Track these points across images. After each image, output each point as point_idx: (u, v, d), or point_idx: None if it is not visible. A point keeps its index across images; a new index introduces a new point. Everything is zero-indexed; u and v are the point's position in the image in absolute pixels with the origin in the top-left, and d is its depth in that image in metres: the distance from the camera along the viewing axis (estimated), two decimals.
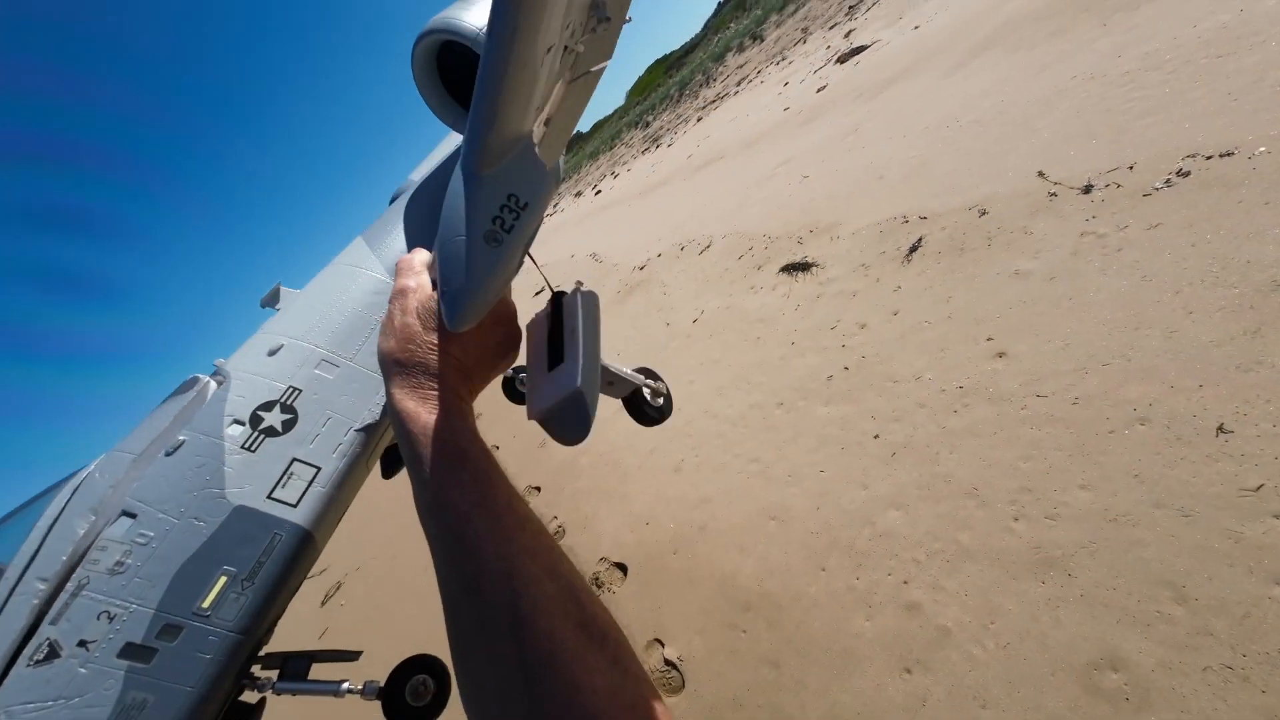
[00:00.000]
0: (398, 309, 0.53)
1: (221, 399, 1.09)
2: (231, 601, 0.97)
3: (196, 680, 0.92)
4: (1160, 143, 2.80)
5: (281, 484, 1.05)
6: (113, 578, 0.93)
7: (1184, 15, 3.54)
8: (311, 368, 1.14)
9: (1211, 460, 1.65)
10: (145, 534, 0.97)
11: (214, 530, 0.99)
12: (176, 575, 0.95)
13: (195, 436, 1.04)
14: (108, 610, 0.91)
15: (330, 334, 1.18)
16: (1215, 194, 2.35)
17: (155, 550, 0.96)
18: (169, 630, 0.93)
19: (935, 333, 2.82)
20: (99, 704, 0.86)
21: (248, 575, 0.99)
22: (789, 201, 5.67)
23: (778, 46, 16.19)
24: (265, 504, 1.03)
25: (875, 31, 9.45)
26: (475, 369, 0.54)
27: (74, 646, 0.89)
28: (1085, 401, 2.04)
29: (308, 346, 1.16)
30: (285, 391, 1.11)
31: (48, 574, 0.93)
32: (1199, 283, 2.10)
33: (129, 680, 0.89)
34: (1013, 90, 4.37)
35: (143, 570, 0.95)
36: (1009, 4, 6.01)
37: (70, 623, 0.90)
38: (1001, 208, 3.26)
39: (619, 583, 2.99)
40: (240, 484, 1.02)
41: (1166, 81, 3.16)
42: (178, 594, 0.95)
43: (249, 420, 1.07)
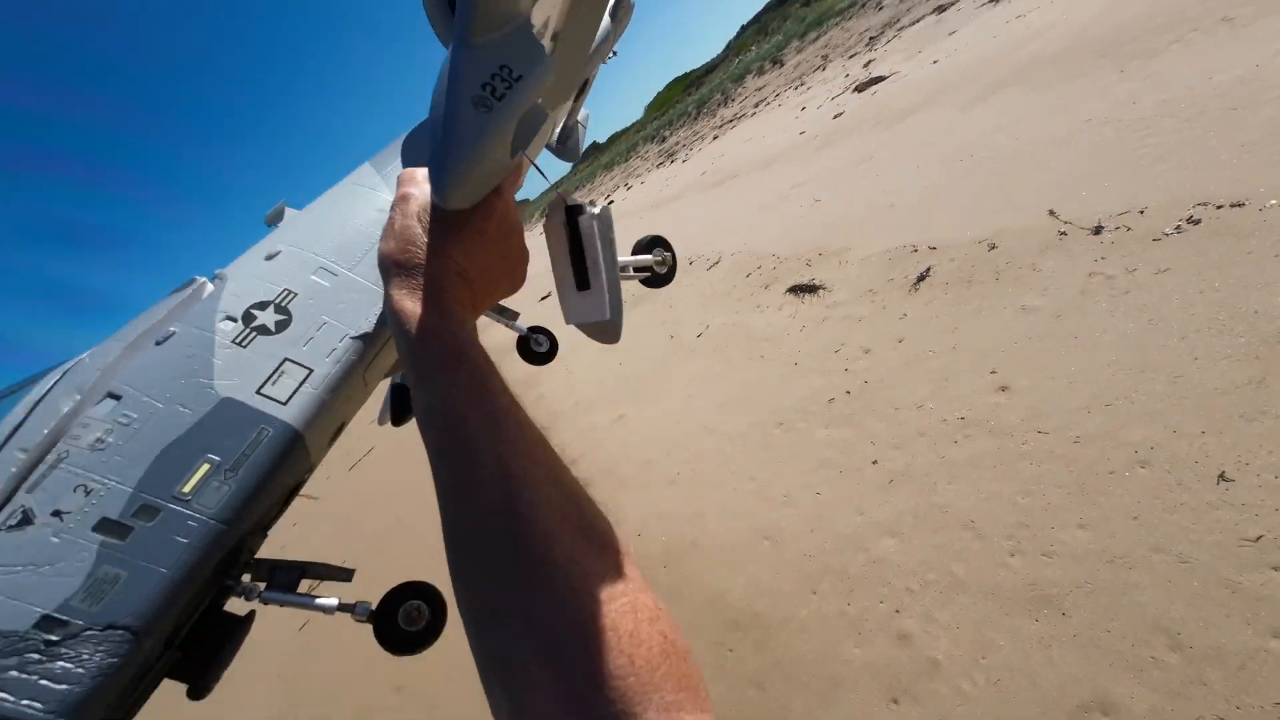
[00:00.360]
0: (399, 213, 0.53)
1: (216, 297, 1.10)
2: (213, 490, 0.95)
3: (172, 563, 0.91)
4: (1172, 189, 2.83)
5: (272, 381, 1.04)
6: (92, 454, 0.94)
7: (1200, 67, 3.59)
8: (309, 274, 1.15)
9: (1212, 508, 1.64)
10: (129, 415, 0.97)
11: (199, 418, 0.99)
12: (158, 458, 0.95)
13: (187, 329, 1.06)
14: (85, 484, 0.92)
15: (330, 244, 1.19)
16: (1225, 243, 2.37)
17: (137, 431, 0.96)
18: (146, 510, 0.92)
19: (939, 362, 2.83)
20: (70, 574, 0.86)
21: (231, 466, 0.98)
22: (800, 223, 5.71)
23: (797, 72, 16.42)
24: (254, 399, 1.02)
25: (894, 64, 9.58)
26: (478, 279, 0.53)
27: (48, 515, 0.89)
28: (1087, 440, 2.03)
29: (306, 254, 1.17)
30: (280, 293, 1.12)
31: (28, 445, 0.94)
32: (1206, 329, 2.10)
33: (102, 555, 0.88)
34: (1028, 128, 4.42)
35: (123, 449, 0.95)
36: (1028, 46, 6.10)
37: (46, 493, 0.90)
38: (1011, 243, 3.28)
39: None
40: (229, 377, 1.03)
41: (1181, 130, 3.19)
42: (157, 476, 0.94)
43: (241, 317, 1.08)
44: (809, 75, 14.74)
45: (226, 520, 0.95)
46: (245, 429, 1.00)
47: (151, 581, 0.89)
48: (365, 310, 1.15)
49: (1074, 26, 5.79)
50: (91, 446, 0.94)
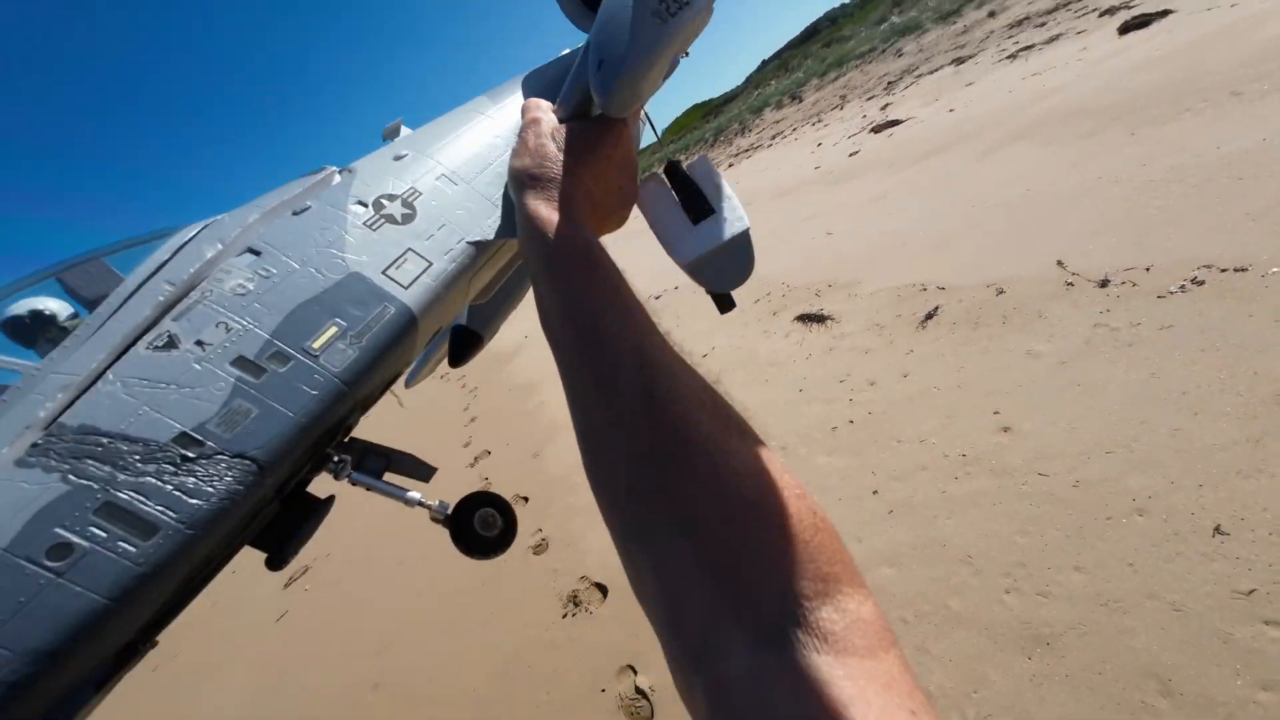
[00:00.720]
0: (531, 134, 0.56)
1: (347, 184, 1.18)
2: (339, 351, 1.01)
3: (298, 409, 0.96)
4: (1178, 250, 2.92)
5: (396, 265, 1.11)
6: (233, 298, 1.00)
7: (1210, 136, 3.72)
8: (433, 178, 1.23)
9: (1207, 559, 1.68)
10: (268, 269, 1.04)
11: (330, 285, 1.05)
12: (291, 313, 1.01)
13: (322, 206, 1.13)
14: (226, 322, 0.97)
15: (452, 157, 1.27)
16: (1228, 305, 2.44)
17: (275, 285, 1.02)
18: (279, 356, 0.98)
19: (944, 399, 2.88)
20: (208, 400, 0.91)
21: (356, 334, 1.03)
22: (811, 254, 5.82)
23: (815, 109, 16.82)
24: (379, 278, 1.08)
25: (911, 109, 9.85)
26: (600, 204, 0.55)
27: (192, 343, 0.94)
28: (1086, 486, 2.07)
29: (431, 161, 1.25)
30: (407, 190, 1.19)
31: (175, 280, 1.00)
32: (1206, 386, 2.16)
33: (237, 389, 0.93)
34: (1041, 181, 4.54)
35: (262, 299, 1.01)
36: (1042, 103, 6.30)
37: (190, 323, 0.96)
38: (1020, 289, 3.36)
39: (598, 603, 2.96)
40: (359, 254, 1.09)
41: (1189, 194, 3.30)
42: (291, 329, 1.00)
43: (372, 204, 1.15)
44: (827, 113, 15.10)
45: (347, 382, 1.01)
46: (370, 303, 1.06)
47: (279, 422, 0.94)
48: (480, 220, 1.21)
49: (1087, 89, 5.99)
50: (233, 291, 1.00)
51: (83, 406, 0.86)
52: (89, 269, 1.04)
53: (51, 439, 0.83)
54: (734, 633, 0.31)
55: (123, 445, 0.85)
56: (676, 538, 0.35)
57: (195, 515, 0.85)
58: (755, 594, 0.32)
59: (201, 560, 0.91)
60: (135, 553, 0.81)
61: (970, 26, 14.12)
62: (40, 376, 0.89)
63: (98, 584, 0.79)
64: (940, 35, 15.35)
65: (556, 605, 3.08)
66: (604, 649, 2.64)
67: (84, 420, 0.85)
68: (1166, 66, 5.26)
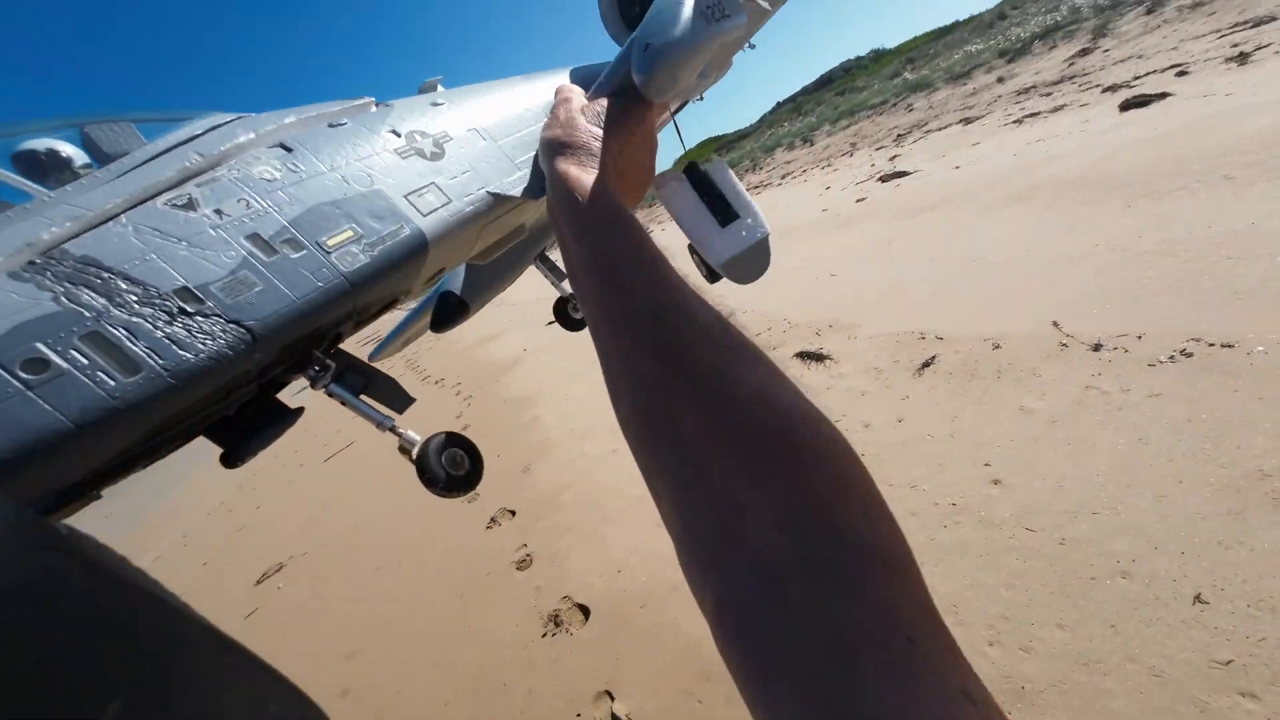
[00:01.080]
0: (563, 109, 0.60)
1: (385, 114, 1.24)
2: (351, 255, 1.05)
3: (301, 295, 0.98)
4: (1169, 321, 3.02)
5: (418, 193, 1.17)
6: (259, 181, 1.03)
7: (1202, 215, 3.88)
8: (464, 129, 1.30)
9: (1186, 626, 1.71)
10: (297, 165, 1.08)
11: (354, 194, 1.09)
12: (313, 208, 1.04)
13: (358, 125, 1.19)
14: (248, 200, 1.00)
15: (486, 115, 1.35)
16: (1214, 379, 2.53)
17: (302, 180, 1.06)
18: (293, 243, 1.00)
19: (937, 448, 2.92)
20: (216, 264, 0.93)
21: (370, 243, 1.08)
22: (813, 294, 5.93)
23: (825, 153, 17.29)
24: (400, 201, 1.14)
25: (919, 162, 10.16)
26: (624, 174, 0.59)
27: (210, 210, 0.97)
28: (1072, 544, 2.11)
29: (466, 113, 1.33)
30: (440, 132, 1.27)
31: (204, 152, 1.02)
32: (1191, 456, 2.22)
33: (246, 261, 0.95)
34: (1039, 243, 4.70)
35: (286, 190, 1.04)
36: (1046, 168, 6.53)
37: (212, 192, 0.98)
38: (1015, 346, 3.45)
39: (579, 624, 2.94)
40: (386, 175, 1.15)
41: (1180, 269, 3.43)
42: (309, 222, 1.03)
43: (405, 136, 1.22)
44: (836, 158, 15.52)
45: (353, 283, 1.05)
46: (388, 219, 1.11)
47: (281, 301, 0.97)
48: (502, 176, 1.29)
49: (1087, 159, 6.23)
50: (260, 175, 1.04)
51: (90, 239, 0.87)
52: (117, 129, 1.05)
53: (51, 261, 0.83)
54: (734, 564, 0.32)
55: (122, 283, 0.85)
56: (683, 465, 0.37)
57: (180, 366, 0.86)
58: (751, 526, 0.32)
59: (173, 415, 0.90)
60: (113, 386, 0.81)
61: (979, 89, 14.68)
62: (51, 204, 0.89)
63: (68, 407, 0.78)
64: (950, 94, 15.93)
65: (537, 623, 3.05)
66: (582, 672, 2.61)
67: (88, 252, 0.86)
68: (1163, 145, 5.50)
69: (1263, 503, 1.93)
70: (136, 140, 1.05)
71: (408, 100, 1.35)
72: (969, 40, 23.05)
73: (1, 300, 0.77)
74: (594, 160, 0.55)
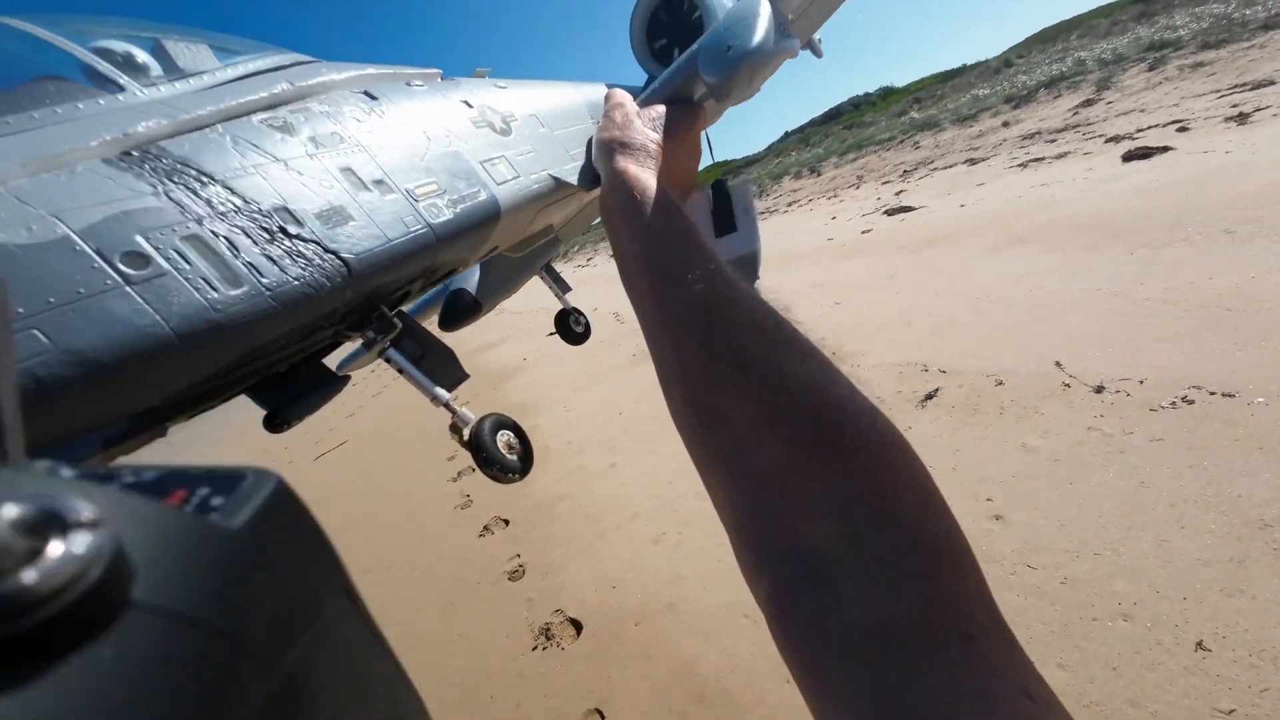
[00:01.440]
0: (618, 113, 0.63)
1: (456, 85, 1.25)
2: (436, 207, 1.02)
3: (392, 237, 0.95)
4: (1170, 367, 3.06)
5: (491, 163, 1.16)
6: (350, 119, 1.01)
7: (1202, 267, 3.97)
8: (527, 113, 1.32)
9: (1189, 673, 1.70)
10: (383, 111, 1.06)
11: (435, 153, 1.08)
12: (400, 155, 1.02)
13: (433, 91, 1.18)
14: (339, 133, 0.98)
15: (544, 105, 1.38)
16: (1215, 427, 2.56)
17: (389, 126, 1.05)
18: (383, 185, 0.98)
19: (938, 479, 2.88)
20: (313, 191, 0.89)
21: (453, 199, 1.06)
22: (817, 320, 5.99)
23: (832, 184, 17.59)
24: (477, 166, 1.13)
25: (924, 198, 10.35)
26: (672, 176, 0.62)
27: (304, 137, 0.94)
28: (1073, 584, 2.11)
29: (527, 100, 1.35)
30: (507, 112, 1.28)
31: (293, 81, 0.99)
32: (1193, 502, 2.24)
33: (341, 194, 0.92)
34: (1043, 284, 4.77)
35: (374, 133, 1.02)
36: (1049, 212, 6.67)
37: (306, 119, 0.95)
38: (1018, 383, 3.48)
39: (571, 639, 2.89)
40: (463, 141, 1.14)
41: (1180, 317, 3.49)
42: (398, 168, 1.01)
43: (478, 108, 1.22)
44: (842, 190, 15.79)
45: (439, 235, 1.02)
46: (468, 180, 1.10)
47: (375, 239, 0.93)
48: (560, 163, 1.31)
49: (1090, 205, 6.37)
50: (350, 115, 1.02)
51: (188, 142, 0.80)
52: (194, 49, 1.01)
53: (149, 155, 0.76)
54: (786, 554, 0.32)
55: (223, 192, 0.79)
56: (734, 455, 0.37)
57: (281, 288, 0.80)
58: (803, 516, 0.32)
59: (265, 343, 0.84)
60: (215, 297, 0.74)
61: (985, 132, 15.03)
62: (143, 100, 0.82)
63: (168, 310, 0.70)
64: (957, 135, 16.30)
65: (527, 636, 3.01)
66: (573, 689, 2.57)
67: (188, 154, 0.79)
68: (1164, 197, 5.63)
69: (1264, 553, 1.94)
70: (213, 64, 1.01)
71: (473, 79, 1.38)
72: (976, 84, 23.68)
73: (98, 186, 0.70)
74: (651, 160, 0.58)
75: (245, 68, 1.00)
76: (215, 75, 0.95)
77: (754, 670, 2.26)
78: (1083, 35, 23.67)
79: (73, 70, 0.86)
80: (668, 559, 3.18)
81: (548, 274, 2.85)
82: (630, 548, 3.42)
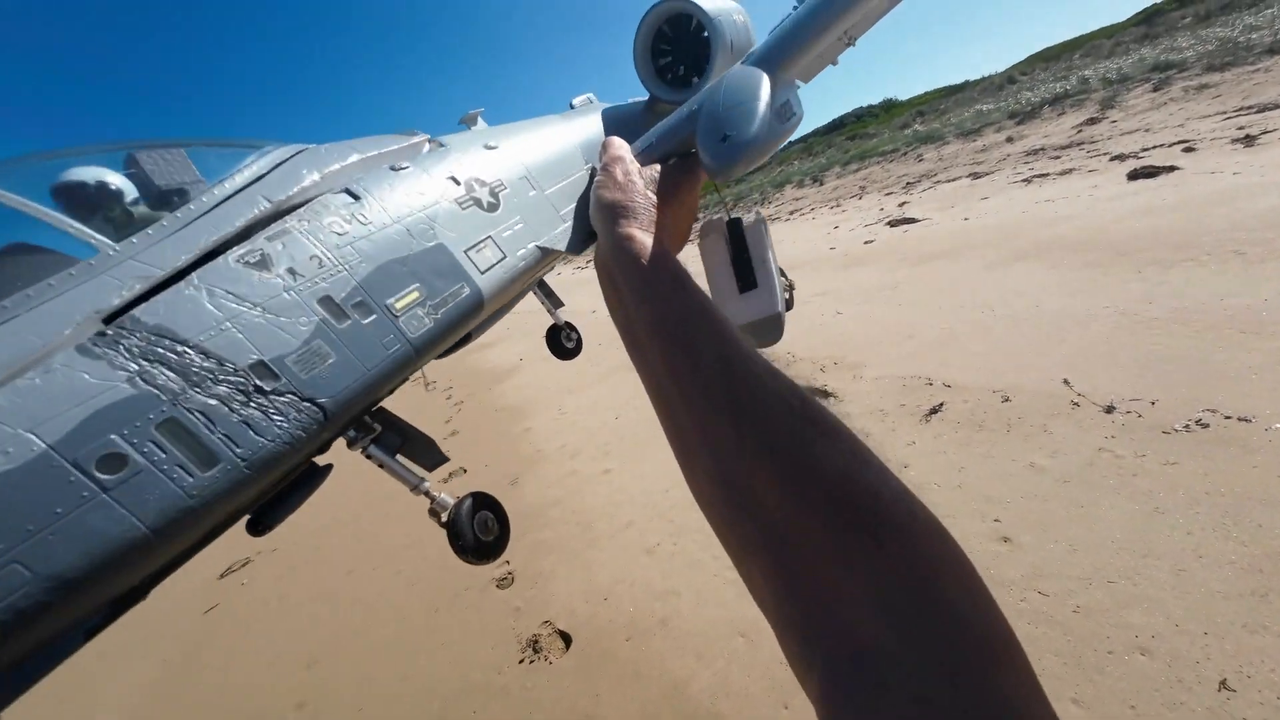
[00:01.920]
0: (619, 170, 0.62)
1: (443, 156, 1.19)
2: (417, 317, 0.99)
3: (372, 365, 0.92)
4: (1182, 389, 2.99)
5: (476, 249, 1.12)
6: (330, 234, 0.96)
7: (1213, 288, 3.90)
8: (517, 177, 1.26)
9: (1211, 713, 1.61)
10: (365, 216, 1.01)
11: (419, 251, 1.04)
12: (382, 266, 0.98)
13: (418, 171, 1.13)
14: (320, 257, 0.93)
15: (534, 162, 1.32)
16: (1232, 453, 2.48)
17: (371, 235, 1.00)
18: (364, 307, 0.94)
19: (942, 497, 2.84)
20: (290, 334, 0.86)
21: (434, 304, 1.02)
22: (818, 329, 5.91)
23: (835, 194, 17.58)
24: (461, 256, 1.09)
25: (927, 210, 10.32)
26: (670, 239, 0.61)
27: (284, 269, 0.89)
28: (1086, 613, 2.02)
29: (518, 160, 1.29)
30: (495, 181, 1.22)
31: (272, 197, 0.94)
32: (1210, 530, 2.15)
33: (320, 329, 0.88)
34: (1047, 301, 4.71)
35: (357, 245, 0.97)
36: (1054, 228, 6.62)
37: (285, 247, 0.90)
38: (1025, 400, 3.40)
39: (559, 653, 2.78)
40: (448, 229, 1.10)
41: (1192, 338, 3.42)
42: (379, 282, 0.97)
43: (464, 184, 1.17)
44: (845, 200, 15.77)
45: (417, 349, 1.00)
46: (451, 278, 1.06)
47: (352, 374, 0.90)
48: (548, 229, 1.25)
49: (1094, 222, 6.32)
50: (330, 228, 0.96)
51: (161, 305, 0.78)
52: (168, 156, 0.97)
53: (123, 332, 0.75)
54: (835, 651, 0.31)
55: (198, 358, 0.77)
56: (769, 543, 0.36)
57: (256, 454, 0.78)
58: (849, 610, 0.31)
59: (236, 508, 0.82)
60: (190, 483, 0.73)
61: (988, 146, 15.05)
62: (117, 259, 0.79)
63: (144, 509, 0.70)
64: (960, 149, 16.33)
65: (514, 648, 2.89)
66: (559, 705, 2.46)
67: (162, 320, 0.77)
68: (1172, 216, 5.59)
69: None
70: (188, 170, 0.98)
71: (460, 138, 1.30)
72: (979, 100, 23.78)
73: (75, 383, 0.70)
74: (652, 224, 0.57)
75: (225, 187, 0.94)
76: (190, 208, 0.89)
77: (748, 695, 2.16)
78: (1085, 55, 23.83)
79: (40, 233, 0.82)
80: (661, 571, 3.08)
81: (540, 289, 2.78)
82: (623, 558, 3.32)
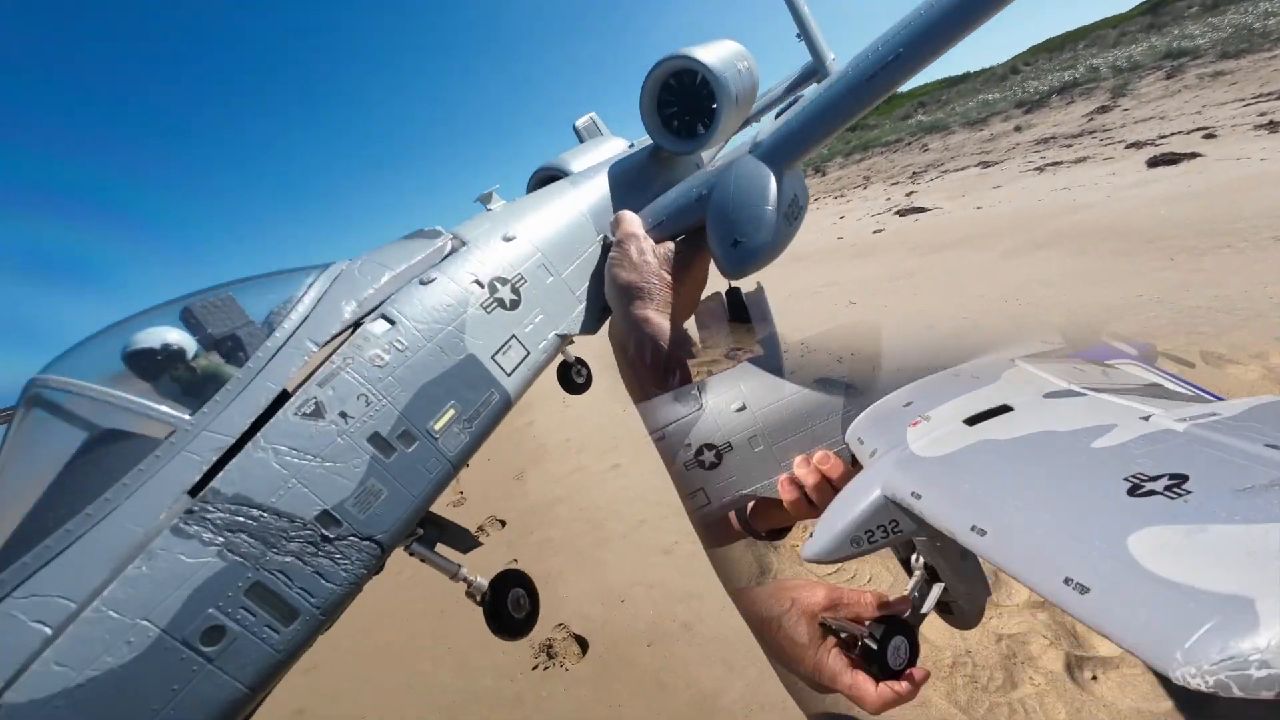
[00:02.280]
0: (634, 249, 0.70)
1: (466, 256, 1.23)
2: (454, 435, 1.05)
3: (418, 492, 0.99)
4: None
5: (503, 351, 1.17)
6: (372, 369, 1.00)
7: (1254, 274, 3.74)
8: (535, 265, 1.31)
9: None
10: (401, 342, 1.05)
11: (451, 366, 1.08)
12: (420, 391, 1.03)
13: (446, 280, 1.17)
14: (366, 394, 0.97)
15: (551, 245, 1.36)
16: None
17: (409, 360, 1.04)
18: (407, 437, 0.99)
19: None
20: (346, 476, 0.92)
21: (469, 417, 1.08)
22: (830, 320, 5.74)
23: (839, 184, 17.37)
24: (489, 363, 1.14)
25: (936, 199, 10.12)
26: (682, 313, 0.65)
27: (336, 414, 0.94)
28: None
29: (535, 248, 1.33)
30: (516, 276, 1.26)
31: (317, 339, 0.99)
32: None
33: (372, 468, 0.94)
34: (1073, 289, 4.54)
35: (396, 374, 1.02)
36: (1072, 216, 6.45)
37: (335, 392, 0.95)
38: None
39: (575, 659, 2.63)
40: (475, 336, 1.14)
41: (1239, 326, 3.25)
42: (418, 408, 1.02)
43: (487, 285, 1.21)
44: (850, 190, 15.57)
45: (455, 465, 1.05)
46: (481, 387, 1.11)
47: (403, 504, 0.96)
48: (566, 314, 1.29)
49: (1116, 210, 6.15)
50: (371, 362, 1.00)
51: (235, 473, 0.85)
52: (219, 303, 1.04)
53: (207, 506, 0.82)
54: None
55: (273, 520, 0.85)
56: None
57: (328, 599, 0.86)
58: None
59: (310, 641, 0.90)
60: (277, 639, 0.82)
61: (996, 135, 14.84)
62: (193, 432, 0.86)
63: (242, 671, 0.79)
64: (967, 138, 16.10)
65: (526, 653, 2.73)
66: (576, 715, 2.31)
67: (238, 489, 0.85)
68: (1199, 203, 5.41)
69: None
70: (238, 313, 1.04)
71: (478, 231, 1.33)
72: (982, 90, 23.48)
73: (175, 565, 0.78)
74: (668, 305, 0.64)
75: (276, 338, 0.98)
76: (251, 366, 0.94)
77: (786, 710, 1.99)
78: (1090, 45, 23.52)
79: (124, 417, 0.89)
80: (681, 572, 2.92)
81: None
82: (637, 558, 3.16)
